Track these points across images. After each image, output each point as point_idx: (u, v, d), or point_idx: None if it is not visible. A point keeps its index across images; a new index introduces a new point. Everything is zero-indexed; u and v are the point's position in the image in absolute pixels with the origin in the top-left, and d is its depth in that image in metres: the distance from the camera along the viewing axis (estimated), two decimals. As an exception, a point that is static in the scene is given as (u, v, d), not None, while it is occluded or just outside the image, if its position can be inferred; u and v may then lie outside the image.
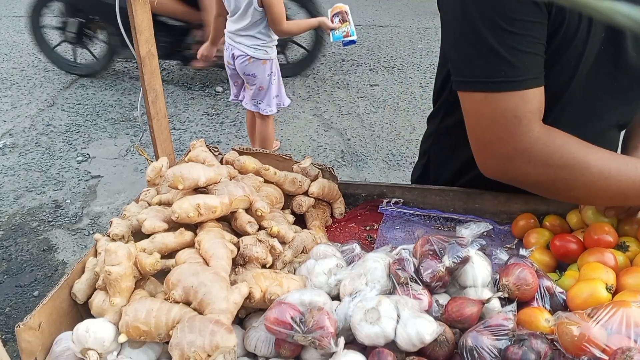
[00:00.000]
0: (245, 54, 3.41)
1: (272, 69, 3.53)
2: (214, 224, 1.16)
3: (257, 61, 3.43)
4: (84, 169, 4.22)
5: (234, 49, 3.44)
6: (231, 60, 3.51)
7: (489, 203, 1.40)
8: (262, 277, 1.05)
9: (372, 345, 0.92)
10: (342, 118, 4.86)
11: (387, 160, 4.24)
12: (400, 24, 7.03)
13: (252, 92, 3.60)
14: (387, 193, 1.47)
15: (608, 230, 1.18)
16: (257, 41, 3.38)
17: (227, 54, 3.53)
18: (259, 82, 3.54)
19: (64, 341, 1.01)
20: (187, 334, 0.88)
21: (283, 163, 1.47)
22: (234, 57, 3.47)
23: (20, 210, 3.75)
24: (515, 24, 0.98)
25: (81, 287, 1.10)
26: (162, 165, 1.36)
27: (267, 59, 3.47)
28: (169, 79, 5.60)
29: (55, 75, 5.76)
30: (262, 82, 3.54)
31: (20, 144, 4.54)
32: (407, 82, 5.49)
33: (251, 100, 3.64)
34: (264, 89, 3.57)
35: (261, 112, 3.68)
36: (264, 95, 3.60)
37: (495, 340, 0.88)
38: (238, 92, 3.77)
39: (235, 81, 3.73)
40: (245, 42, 3.40)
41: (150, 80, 1.42)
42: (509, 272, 1.01)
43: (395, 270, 1.03)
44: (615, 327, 0.85)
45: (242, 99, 3.74)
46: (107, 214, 3.69)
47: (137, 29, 1.32)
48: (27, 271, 3.23)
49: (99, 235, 1.19)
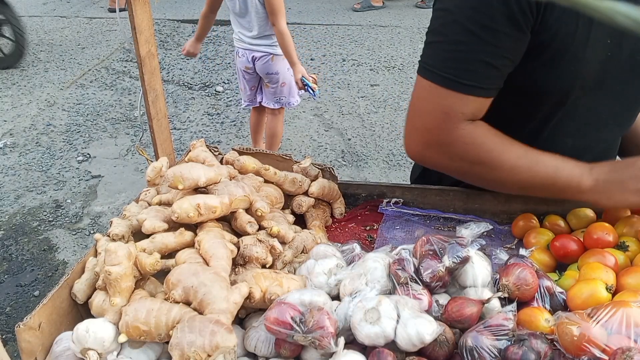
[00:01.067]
0: (267, 53, 3.52)
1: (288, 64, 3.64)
2: (214, 224, 1.16)
3: (279, 57, 3.53)
4: (85, 168, 4.23)
5: (254, 52, 3.54)
6: (250, 64, 3.60)
7: (489, 203, 1.40)
8: (262, 277, 1.05)
9: (372, 345, 0.92)
10: (342, 118, 4.86)
11: (387, 160, 4.24)
12: (401, 23, 7.03)
13: (274, 90, 3.70)
14: (387, 193, 1.47)
15: (608, 230, 1.18)
16: (273, 39, 3.47)
17: (244, 60, 3.60)
18: (282, 78, 3.64)
19: (64, 341, 1.01)
20: (187, 334, 0.88)
21: (283, 163, 1.47)
22: (255, 59, 3.56)
23: (21, 210, 3.75)
24: (485, 31, 1.00)
25: (81, 287, 1.10)
26: (162, 165, 1.36)
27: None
28: (169, 79, 5.61)
29: (55, 75, 5.76)
30: (284, 77, 3.63)
31: (21, 143, 4.54)
32: (408, 82, 5.49)
33: (273, 98, 3.74)
34: (285, 84, 3.67)
35: (289, 106, 3.81)
36: (288, 90, 3.71)
37: (495, 340, 0.88)
38: (252, 97, 3.83)
39: (252, 86, 3.78)
40: (265, 42, 3.49)
41: (150, 80, 1.42)
42: (509, 272, 1.01)
43: (395, 270, 1.03)
44: (615, 327, 0.85)
45: (261, 100, 3.80)
46: (108, 214, 3.69)
47: (137, 29, 1.32)
48: (27, 271, 3.24)
49: (99, 235, 1.19)
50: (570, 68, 1.07)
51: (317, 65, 5.80)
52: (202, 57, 6.08)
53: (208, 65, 5.92)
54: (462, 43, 1.02)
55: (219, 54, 6.11)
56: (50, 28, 7.09)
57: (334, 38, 6.56)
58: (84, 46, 6.51)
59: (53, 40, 6.67)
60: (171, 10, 7.51)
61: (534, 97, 1.16)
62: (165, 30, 6.84)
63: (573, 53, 1.05)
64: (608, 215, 1.27)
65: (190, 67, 5.87)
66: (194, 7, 7.57)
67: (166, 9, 7.51)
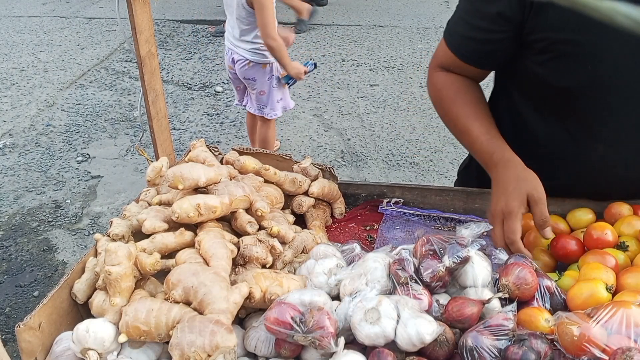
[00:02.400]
0: (244, 58, 3.39)
1: (272, 73, 3.49)
2: (214, 224, 1.16)
3: (257, 65, 3.40)
4: (84, 169, 4.22)
5: (234, 54, 3.42)
6: (232, 65, 3.49)
7: (489, 203, 1.40)
8: (262, 277, 1.05)
9: (372, 345, 0.92)
10: (342, 118, 4.86)
11: (387, 160, 4.24)
12: (400, 24, 7.03)
13: (254, 96, 3.57)
14: (387, 193, 1.47)
15: (608, 230, 1.18)
16: (255, 45, 3.34)
17: (228, 58, 3.51)
18: (259, 87, 3.50)
19: (64, 341, 1.01)
20: (187, 334, 0.88)
21: (283, 163, 1.47)
22: (234, 61, 3.45)
23: (20, 210, 3.75)
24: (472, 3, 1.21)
25: (81, 287, 1.10)
26: (162, 165, 1.36)
27: (267, 62, 3.42)
28: (169, 79, 5.60)
29: (54, 75, 5.76)
30: (262, 86, 3.50)
31: (20, 144, 4.54)
32: (407, 82, 5.48)
33: (256, 104, 3.61)
34: (264, 93, 3.53)
35: (265, 117, 3.64)
36: (266, 99, 3.56)
37: (495, 340, 0.88)
38: (241, 97, 3.74)
39: (237, 86, 3.70)
40: (244, 47, 3.36)
41: (150, 80, 1.42)
42: (508, 271, 1.01)
43: (395, 270, 1.03)
44: (615, 327, 0.85)
45: (246, 103, 3.71)
46: (107, 214, 3.69)
47: (137, 29, 1.32)
48: (27, 271, 3.24)
49: (99, 235, 1.19)
50: (585, 67, 1.09)
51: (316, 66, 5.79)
52: (202, 57, 6.08)
53: (208, 65, 5.92)
54: (459, 8, 1.25)
55: (218, 54, 6.11)
56: (50, 28, 7.09)
57: (334, 38, 6.55)
58: (84, 46, 6.51)
59: (53, 41, 6.67)
60: (171, 10, 7.51)
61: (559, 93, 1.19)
62: (165, 30, 6.84)
63: (589, 50, 1.06)
64: (608, 215, 1.27)
65: (190, 67, 5.87)
66: (194, 7, 7.57)
67: (166, 9, 7.51)
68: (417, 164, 4.12)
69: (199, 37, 6.62)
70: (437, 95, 1.36)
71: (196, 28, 6.86)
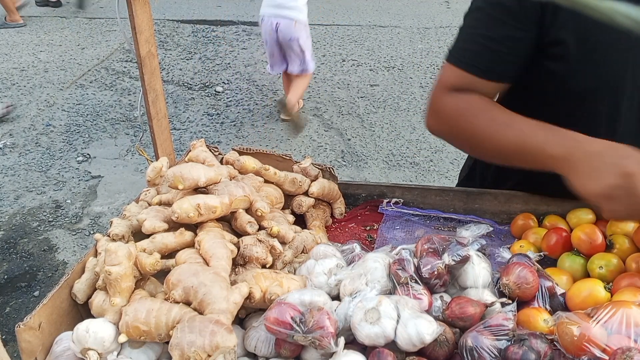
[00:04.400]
0: (290, 18, 3.96)
1: (307, 31, 4.16)
2: (214, 224, 1.16)
3: (300, 24, 3.99)
4: (84, 169, 4.22)
5: (278, 18, 3.99)
6: (273, 31, 4.04)
7: (489, 203, 1.40)
8: (262, 277, 1.05)
9: (372, 345, 0.92)
10: (342, 118, 4.86)
11: (387, 160, 4.24)
12: (400, 24, 7.03)
13: (295, 56, 4.19)
14: (387, 193, 1.47)
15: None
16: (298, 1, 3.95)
17: (268, 26, 4.05)
18: (303, 44, 4.11)
19: (64, 341, 1.01)
20: (187, 334, 0.88)
21: (283, 163, 1.47)
22: (277, 26, 3.99)
23: (21, 210, 3.75)
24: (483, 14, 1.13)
25: (81, 287, 1.10)
26: (162, 165, 1.36)
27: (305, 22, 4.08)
28: (168, 79, 5.60)
29: (55, 75, 5.76)
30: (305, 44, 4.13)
31: (20, 144, 4.54)
32: (407, 82, 5.48)
33: (298, 64, 4.24)
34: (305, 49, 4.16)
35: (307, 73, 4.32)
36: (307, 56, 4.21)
37: (495, 340, 0.88)
38: (279, 64, 4.33)
39: (276, 53, 4.24)
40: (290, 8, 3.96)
41: (150, 80, 1.42)
42: (509, 271, 1.01)
43: (395, 270, 1.03)
44: (615, 327, 0.85)
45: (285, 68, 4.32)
46: (107, 214, 3.69)
47: (137, 29, 1.32)
48: (27, 271, 3.24)
49: (99, 235, 1.19)
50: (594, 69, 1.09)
51: (316, 66, 5.80)
52: (202, 57, 6.08)
53: (208, 65, 5.92)
54: (466, 26, 1.17)
55: (218, 54, 6.11)
56: (50, 28, 7.09)
57: (334, 38, 6.55)
58: (84, 46, 6.51)
59: (53, 41, 6.67)
60: (171, 10, 7.51)
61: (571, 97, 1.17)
62: (165, 30, 6.84)
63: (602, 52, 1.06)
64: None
65: (190, 68, 5.87)
66: (193, 7, 7.57)
67: (166, 9, 7.50)
68: (417, 164, 4.12)
69: (199, 37, 6.62)
70: (455, 115, 1.18)
71: (196, 28, 6.86)
